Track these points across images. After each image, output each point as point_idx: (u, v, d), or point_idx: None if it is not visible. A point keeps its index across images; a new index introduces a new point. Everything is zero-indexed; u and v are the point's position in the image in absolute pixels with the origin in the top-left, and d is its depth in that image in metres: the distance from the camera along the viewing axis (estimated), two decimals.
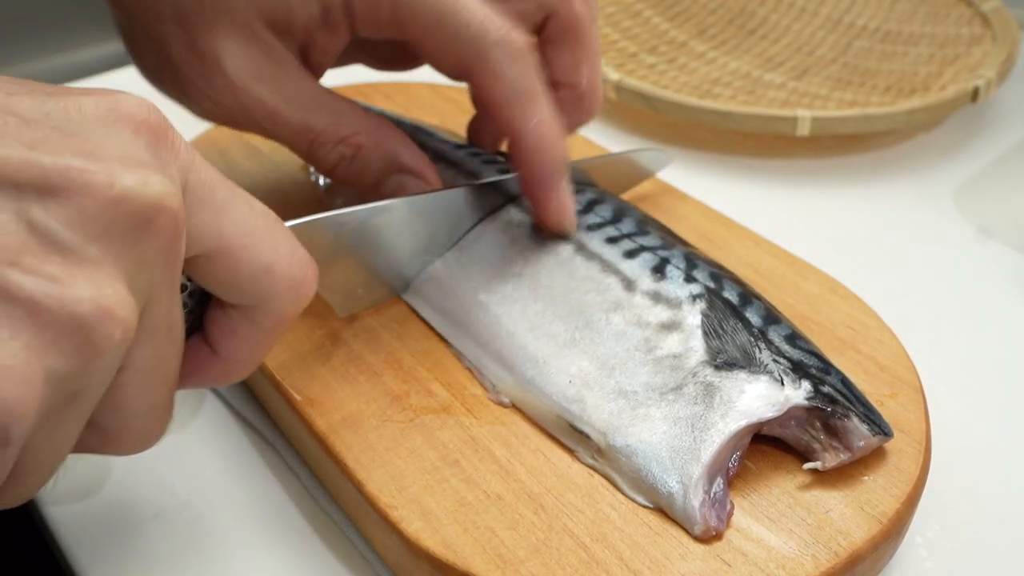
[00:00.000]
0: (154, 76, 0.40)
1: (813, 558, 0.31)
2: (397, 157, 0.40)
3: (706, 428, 0.33)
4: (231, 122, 0.40)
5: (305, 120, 0.39)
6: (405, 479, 0.34)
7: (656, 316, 0.37)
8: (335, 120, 0.39)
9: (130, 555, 0.36)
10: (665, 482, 0.32)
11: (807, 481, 0.34)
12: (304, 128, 0.39)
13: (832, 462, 0.33)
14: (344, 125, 0.39)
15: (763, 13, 0.71)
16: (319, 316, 0.41)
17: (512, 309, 0.39)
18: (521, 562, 0.31)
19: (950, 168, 0.58)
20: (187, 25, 0.37)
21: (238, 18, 0.37)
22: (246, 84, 0.38)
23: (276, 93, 0.38)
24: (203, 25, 0.37)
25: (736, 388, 0.34)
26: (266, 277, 0.28)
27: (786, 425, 0.34)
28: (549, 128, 0.38)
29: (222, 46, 0.37)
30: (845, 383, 0.34)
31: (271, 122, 0.39)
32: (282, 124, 0.39)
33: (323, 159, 0.40)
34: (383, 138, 0.40)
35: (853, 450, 0.33)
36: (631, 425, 0.34)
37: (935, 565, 0.35)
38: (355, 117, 0.40)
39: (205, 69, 0.38)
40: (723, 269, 0.39)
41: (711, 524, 0.31)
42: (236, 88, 0.38)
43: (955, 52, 0.64)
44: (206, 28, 0.37)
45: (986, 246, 0.52)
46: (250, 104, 0.38)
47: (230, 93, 0.38)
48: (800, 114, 0.55)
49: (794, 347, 0.35)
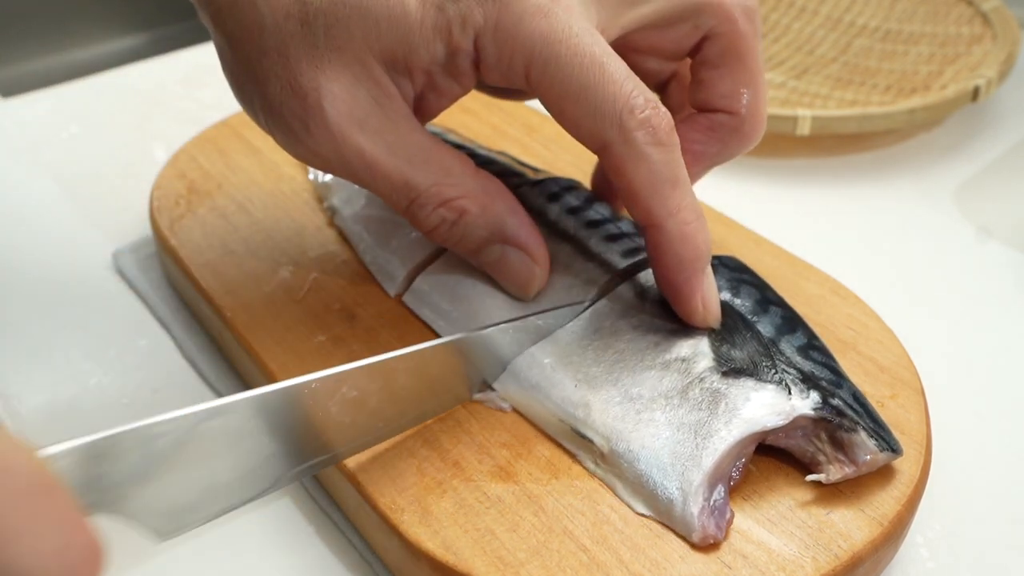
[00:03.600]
0: (249, 107, 0.37)
1: (814, 560, 0.31)
2: (503, 227, 0.37)
3: (709, 435, 0.33)
4: (326, 167, 0.36)
5: (407, 177, 0.35)
6: (405, 480, 0.34)
7: (665, 322, 0.37)
8: (440, 179, 0.36)
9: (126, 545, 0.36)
10: (665, 488, 0.32)
11: (809, 485, 0.34)
12: (405, 185, 0.35)
13: (836, 475, 0.33)
14: (449, 186, 0.36)
15: (763, 12, 0.71)
16: (317, 317, 0.41)
17: (515, 313, 0.39)
18: (521, 564, 0.31)
19: (950, 168, 0.58)
20: (291, 61, 0.34)
21: (351, 54, 0.34)
22: (347, 131, 0.34)
23: (379, 144, 0.35)
24: (309, 62, 0.34)
25: (742, 396, 0.33)
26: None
27: (792, 436, 0.34)
28: (695, 217, 0.35)
29: (326, 87, 0.34)
30: (856, 397, 0.34)
31: (369, 174, 0.35)
32: (382, 178, 0.35)
33: (422, 220, 0.36)
34: (490, 203, 0.37)
35: (858, 464, 0.33)
36: (635, 430, 0.34)
37: (936, 566, 0.35)
38: (462, 176, 0.36)
39: (304, 111, 0.34)
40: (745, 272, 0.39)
41: (709, 532, 0.31)
42: (336, 135, 0.34)
43: (955, 51, 0.64)
44: (312, 65, 0.34)
45: (986, 246, 0.52)
46: (349, 154, 0.35)
47: (329, 139, 0.34)
48: (800, 113, 0.55)
49: (806, 358, 0.35)
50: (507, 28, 0.33)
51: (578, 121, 0.34)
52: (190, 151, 0.52)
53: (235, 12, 0.35)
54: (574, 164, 0.50)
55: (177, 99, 0.63)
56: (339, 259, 0.44)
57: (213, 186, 0.49)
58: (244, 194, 0.49)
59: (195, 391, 0.42)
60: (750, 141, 0.39)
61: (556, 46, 0.33)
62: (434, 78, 0.35)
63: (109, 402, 0.42)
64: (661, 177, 0.34)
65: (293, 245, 0.45)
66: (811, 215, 0.54)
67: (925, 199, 0.56)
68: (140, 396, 0.42)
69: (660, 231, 0.35)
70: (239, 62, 0.35)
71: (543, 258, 0.38)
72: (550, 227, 0.41)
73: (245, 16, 0.34)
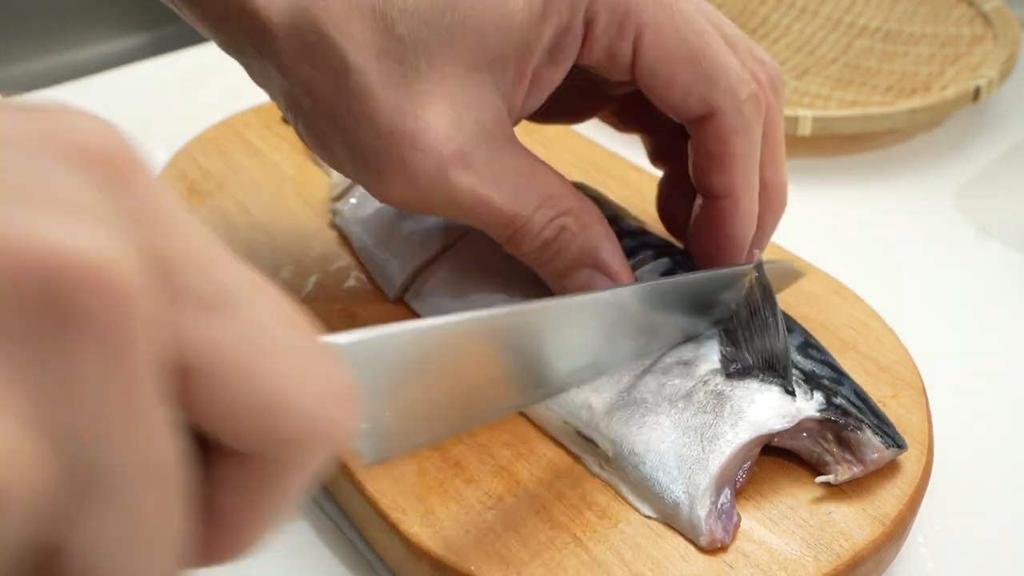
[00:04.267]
0: (327, 152, 0.34)
1: (815, 560, 0.31)
2: (598, 250, 0.35)
3: (715, 438, 0.33)
4: (427, 209, 0.34)
5: (516, 209, 0.33)
6: (406, 480, 0.34)
7: None
8: (544, 202, 0.34)
9: None
10: (672, 491, 0.32)
11: (810, 483, 0.34)
12: (516, 217, 0.33)
13: (844, 475, 0.33)
14: (553, 205, 0.34)
15: (764, 12, 0.71)
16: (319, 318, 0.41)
17: None
18: (523, 564, 0.31)
19: (951, 168, 0.58)
20: (389, 103, 0.31)
21: (455, 82, 0.32)
22: (455, 172, 0.32)
23: (487, 179, 0.32)
24: (410, 101, 0.31)
25: (747, 398, 0.33)
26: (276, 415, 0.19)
27: (797, 437, 0.33)
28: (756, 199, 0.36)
29: (430, 127, 0.31)
30: (858, 394, 0.34)
31: (477, 212, 0.33)
32: (491, 213, 0.33)
33: (525, 245, 0.34)
34: (589, 223, 0.35)
35: (866, 463, 0.33)
36: (639, 433, 0.34)
37: (937, 566, 0.35)
38: (564, 195, 0.34)
39: (408, 155, 0.31)
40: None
41: (717, 536, 0.31)
42: (445, 178, 0.32)
43: (956, 52, 0.64)
44: (414, 104, 0.31)
45: (986, 246, 0.52)
46: (458, 195, 0.32)
47: (437, 183, 0.32)
48: (801, 114, 0.55)
49: (807, 357, 0.35)
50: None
51: (689, 87, 0.33)
52: (191, 151, 0.52)
53: (310, 56, 0.31)
54: (575, 164, 0.50)
55: (177, 99, 0.63)
56: (340, 260, 0.44)
57: (214, 186, 0.49)
58: (245, 194, 0.49)
59: None
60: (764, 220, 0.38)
61: (667, 10, 0.33)
62: (539, 72, 0.33)
63: None
64: (754, 156, 0.35)
65: (294, 246, 0.45)
66: (812, 215, 0.54)
67: (925, 199, 0.56)
68: None
69: (734, 204, 0.36)
70: (320, 113, 0.32)
71: None
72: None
73: (324, 60, 0.31)
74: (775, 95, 0.36)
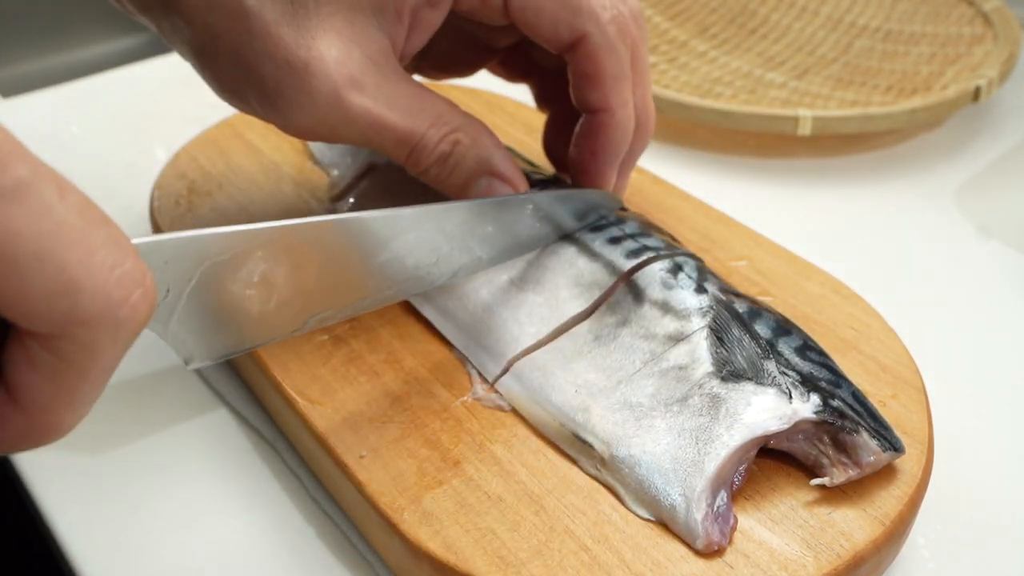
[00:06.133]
0: (241, 99, 0.38)
1: (815, 560, 0.31)
2: (491, 159, 0.39)
3: (711, 440, 0.33)
4: (332, 135, 0.37)
5: (410, 126, 0.37)
6: (406, 480, 0.34)
7: (663, 327, 0.36)
8: (436, 120, 0.37)
9: (130, 554, 0.36)
10: (668, 494, 0.32)
11: (810, 485, 0.33)
12: (410, 134, 0.37)
13: (840, 478, 0.33)
14: (444, 123, 0.38)
15: (764, 12, 0.71)
16: None
17: (518, 314, 0.39)
18: (522, 564, 0.31)
19: (951, 168, 0.58)
20: (283, 39, 0.35)
21: (341, 18, 0.36)
22: (349, 94, 0.36)
23: (380, 100, 0.36)
24: (302, 35, 0.35)
25: (743, 400, 0.33)
26: (69, 296, 0.21)
27: (794, 439, 0.33)
28: (631, 112, 0.40)
29: (322, 55, 0.35)
30: (856, 396, 0.34)
31: (375, 131, 0.36)
32: (388, 132, 0.37)
33: (423, 161, 0.38)
34: (479, 136, 0.39)
35: (862, 466, 0.33)
36: (635, 436, 0.34)
37: (937, 566, 0.35)
38: (453, 113, 0.38)
39: (304, 82, 0.35)
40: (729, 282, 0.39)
41: (713, 538, 0.31)
42: (340, 100, 0.35)
43: (956, 52, 0.64)
44: (306, 37, 0.35)
45: (986, 246, 0.52)
46: (354, 115, 0.36)
47: (333, 105, 0.36)
48: (801, 114, 0.55)
49: (804, 359, 0.35)
50: None
51: (557, 16, 0.38)
52: (191, 151, 0.52)
53: (214, 5, 0.36)
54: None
55: (178, 99, 0.63)
56: None
57: (214, 186, 0.49)
58: (245, 194, 0.49)
59: (195, 391, 0.42)
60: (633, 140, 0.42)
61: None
62: (418, 13, 0.38)
63: (107, 399, 0.42)
64: (623, 71, 0.39)
65: None
66: (812, 215, 0.54)
67: (926, 199, 0.56)
68: (138, 394, 0.42)
69: (610, 116, 0.40)
70: (224, 54, 0.36)
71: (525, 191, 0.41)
72: None
73: (226, 6, 0.35)
74: (637, 27, 0.40)
